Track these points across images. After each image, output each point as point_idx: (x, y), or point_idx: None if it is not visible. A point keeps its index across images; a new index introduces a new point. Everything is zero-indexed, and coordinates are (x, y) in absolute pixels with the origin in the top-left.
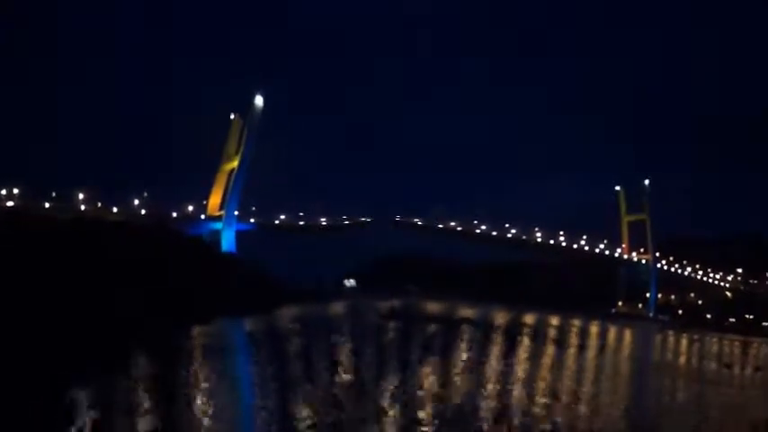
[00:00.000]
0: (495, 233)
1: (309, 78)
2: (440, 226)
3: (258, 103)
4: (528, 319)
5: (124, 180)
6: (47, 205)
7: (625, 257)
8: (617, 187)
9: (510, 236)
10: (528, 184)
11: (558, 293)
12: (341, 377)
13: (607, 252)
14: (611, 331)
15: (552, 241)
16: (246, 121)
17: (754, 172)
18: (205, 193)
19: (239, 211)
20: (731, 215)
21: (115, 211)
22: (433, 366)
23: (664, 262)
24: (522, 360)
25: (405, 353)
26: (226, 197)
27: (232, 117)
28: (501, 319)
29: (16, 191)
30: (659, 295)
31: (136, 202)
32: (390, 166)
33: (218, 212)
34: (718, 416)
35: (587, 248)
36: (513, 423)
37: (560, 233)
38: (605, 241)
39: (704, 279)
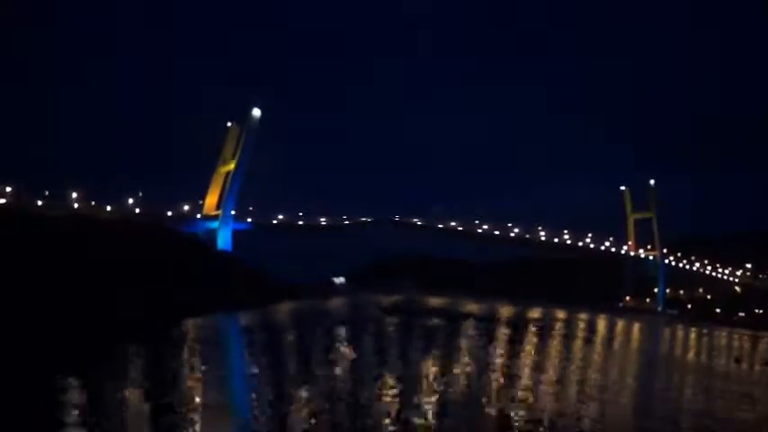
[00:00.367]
0: (497, 232)
1: (309, 78)
2: (440, 226)
3: (255, 113)
4: (534, 313)
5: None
6: (39, 203)
7: (632, 254)
8: (622, 187)
9: (513, 235)
10: (528, 184)
11: (564, 289)
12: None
13: (613, 249)
14: (618, 325)
15: (557, 239)
16: (244, 129)
17: (754, 172)
18: (201, 193)
19: (237, 210)
20: (731, 215)
21: (109, 209)
22: (434, 357)
23: (671, 258)
24: (530, 351)
25: (404, 344)
26: (222, 197)
27: (229, 125)
28: (506, 313)
29: (9, 189)
30: (667, 290)
31: (130, 201)
32: (390, 166)
33: (215, 212)
34: (730, 410)
35: (592, 246)
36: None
37: (564, 232)
38: (611, 239)
39: (713, 274)
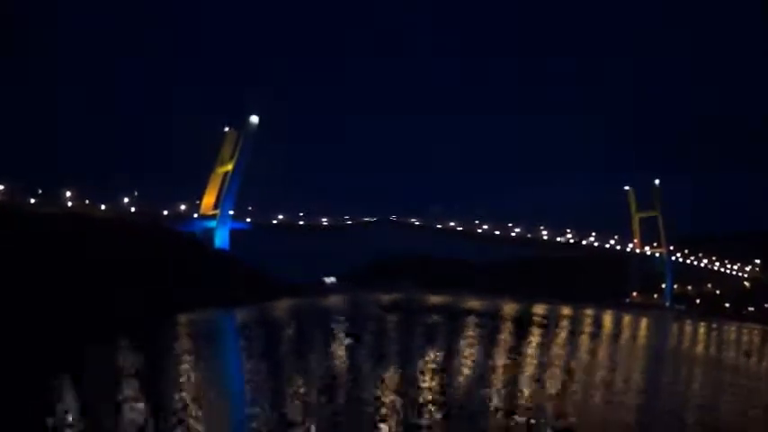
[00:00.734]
0: (497, 232)
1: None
2: (438, 226)
3: (253, 120)
4: (538, 309)
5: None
6: (33, 201)
7: (637, 251)
8: (626, 187)
9: (514, 234)
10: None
11: (569, 286)
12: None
13: (618, 247)
14: (625, 320)
15: (559, 238)
16: (241, 134)
17: (754, 172)
18: (198, 194)
19: (236, 210)
20: (732, 215)
21: (103, 208)
22: (433, 354)
23: (678, 255)
24: (534, 346)
25: (403, 340)
26: (220, 197)
27: (226, 130)
28: (509, 310)
29: (2, 187)
30: (675, 286)
31: (126, 200)
32: (390, 166)
33: (213, 212)
34: (742, 403)
35: (597, 244)
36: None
37: (567, 231)
38: (615, 237)
39: (721, 270)
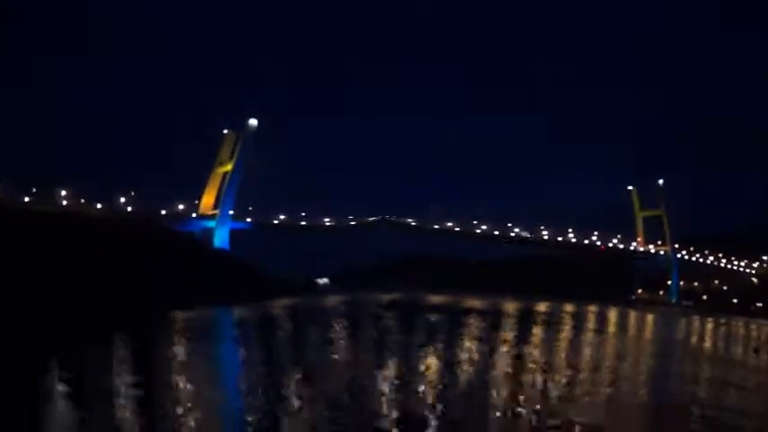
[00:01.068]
0: (497, 232)
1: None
2: (435, 227)
3: (252, 123)
4: (540, 307)
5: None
6: (27, 200)
7: (641, 249)
8: (629, 187)
9: (513, 234)
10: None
11: (572, 285)
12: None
13: (621, 246)
14: (631, 316)
15: (561, 238)
16: (240, 137)
17: (754, 172)
18: (197, 194)
19: (236, 210)
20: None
21: (99, 207)
22: (431, 352)
23: (684, 252)
24: (538, 343)
25: (403, 338)
26: (219, 197)
27: (225, 132)
28: (511, 308)
29: None
30: (681, 283)
31: (122, 199)
32: (390, 166)
33: (212, 212)
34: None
35: (599, 243)
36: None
37: (569, 230)
38: (618, 236)
39: (728, 266)
